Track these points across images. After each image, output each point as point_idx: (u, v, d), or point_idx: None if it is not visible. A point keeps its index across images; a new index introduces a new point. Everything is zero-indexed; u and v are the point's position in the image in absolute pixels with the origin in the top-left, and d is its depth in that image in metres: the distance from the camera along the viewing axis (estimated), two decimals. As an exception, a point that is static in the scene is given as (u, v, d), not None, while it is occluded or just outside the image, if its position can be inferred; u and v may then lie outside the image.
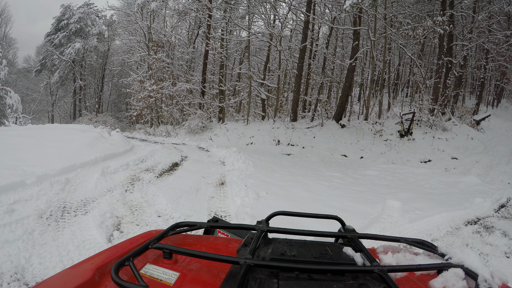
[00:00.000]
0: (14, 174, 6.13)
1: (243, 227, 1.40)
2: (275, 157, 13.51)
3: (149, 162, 9.77)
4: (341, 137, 15.82)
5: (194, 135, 21.43)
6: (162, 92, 24.98)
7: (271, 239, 1.30)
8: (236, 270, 1.00)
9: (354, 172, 10.72)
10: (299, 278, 0.97)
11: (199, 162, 10.64)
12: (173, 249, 1.08)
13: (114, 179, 7.23)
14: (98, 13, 39.99)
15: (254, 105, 24.94)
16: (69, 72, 38.58)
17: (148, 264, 1.12)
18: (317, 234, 1.28)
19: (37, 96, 45.34)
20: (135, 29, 31.05)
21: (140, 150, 12.41)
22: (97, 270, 1.04)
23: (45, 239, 4.00)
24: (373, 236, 1.29)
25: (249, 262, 0.96)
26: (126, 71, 34.43)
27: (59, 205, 5.22)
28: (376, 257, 1.15)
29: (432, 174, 10.77)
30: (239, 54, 27.47)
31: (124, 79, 31.86)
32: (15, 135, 9.88)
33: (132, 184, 6.96)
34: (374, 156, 13.82)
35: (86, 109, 39.19)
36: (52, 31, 38.79)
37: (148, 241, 1.14)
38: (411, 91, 24.91)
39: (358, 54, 17.81)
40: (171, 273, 1.06)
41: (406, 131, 14.99)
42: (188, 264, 1.13)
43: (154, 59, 25.09)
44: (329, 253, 1.13)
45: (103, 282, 1.01)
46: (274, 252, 1.12)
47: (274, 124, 18.74)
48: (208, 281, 1.03)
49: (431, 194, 7.90)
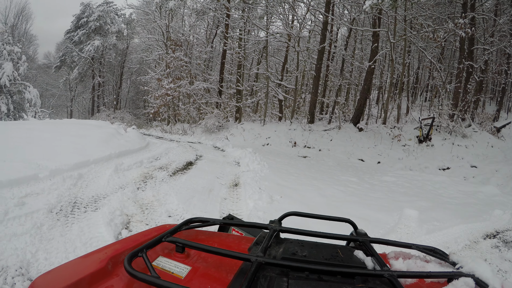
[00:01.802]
0: (28, 167, 6.17)
1: (256, 225, 1.41)
2: (291, 159, 13.34)
3: (163, 160, 9.74)
4: (359, 141, 15.55)
5: (210, 134, 21.41)
6: (179, 90, 25.03)
7: (283, 239, 1.33)
8: (247, 267, 1.02)
9: (371, 177, 10.48)
10: (309, 279, 0.98)
11: (213, 161, 10.56)
12: (186, 243, 1.09)
13: (127, 176, 7.20)
14: (117, 12, 40.52)
15: (271, 105, 24.74)
16: (88, 69, 39.25)
17: (161, 256, 1.14)
18: (329, 236, 1.29)
19: (56, 91, 46.48)
20: (154, 28, 31.19)
21: (155, 148, 12.41)
22: (111, 259, 1.07)
23: (53, 234, 3.97)
24: (384, 241, 1.30)
25: (260, 259, 0.97)
26: (144, 69, 34.62)
27: (69, 200, 5.21)
28: (386, 262, 1.14)
29: (450, 182, 10.44)
30: (257, 54, 27.34)
31: (142, 77, 32.19)
32: (32, 129, 10.01)
33: (144, 182, 6.91)
34: (392, 162, 13.52)
35: (104, 105, 39.73)
36: (71, 29, 39.56)
37: (162, 234, 1.17)
38: (430, 96, 24.42)
39: (378, 56, 17.49)
40: (183, 267, 1.08)
41: (425, 136, 14.60)
42: (200, 259, 1.15)
43: (172, 57, 25.15)
44: (340, 255, 1.15)
45: (115, 271, 1.03)
46: (285, 251, 1.15)
47: (291, 126, 18.56)
48: (219, 277, 1.05)
49: (449, 203, 7.62)
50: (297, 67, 21.83)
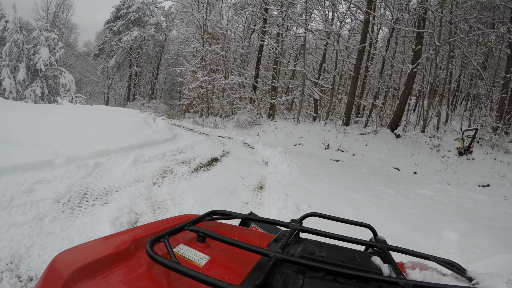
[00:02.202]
0: (45, 152, 6.12)
1: (277, 223, 1.40)
2: (323, 162, 12.93)
3: (187, 154, 9.53)
4: (395, 148, 14.91)
5: (242, 129, 21.29)
6: (213, 83, 25.03)
7: (302, 238, 1.33)
8: (264, 262, 1.04)
9: (407, 189, 9.93)
10: (324, 279, 0.97)
11: (240, 159, 10.25)
12: (207, 233, 1.11)
13: (146, 169, 6.98)
14: (156, 4, 41.40)
15: (306, 104, 24.22)
16: (126, 58, 40.20)
17: (182, 244, 1.17)
18: (348, 240, 1.29)
19: (94, 78, 48.38)
20: (191, 21, 31.21)
21: (182, 140, 12.29)
22: (133, 242, 1.09)
23: (53, 228, 3.80)
24: (403, 250, 1.29)
25: (278, 256, 0.98)
26: (181, 61, 35.02)
27: (80, 191, 5.04)
28: (403, 271, 1.13)
29: (491, 202, 9.73)
30: (294, 52, 26.83)
31: (178, 68, 32.49)
32: (61, 113, 10.04)
33: (162, 177, 6.65)
34: (429, 173, 12.82)
35: (140, 94, 40.40)
36: (111, 19, 40.57)
37: (185, 222, 1.19)
38: (471, 105, 23.19)
39: (421, 59, 16.75)
40: (202, 256, 1.10)
41: (465, 149, 13.79)
42: (219, 250, 1.17)
43: (208, 50, 25.19)
44: (357, 259, 1.14)
45: (137, 253, 1.06)
46: (303, 250, 1.15)
47: (325, 127, 18.08)
48: (236, 269, 1.06)
49: (491, 227, 7.04)
50: (335, 67, 21.15)
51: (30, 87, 23.41)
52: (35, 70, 23.53)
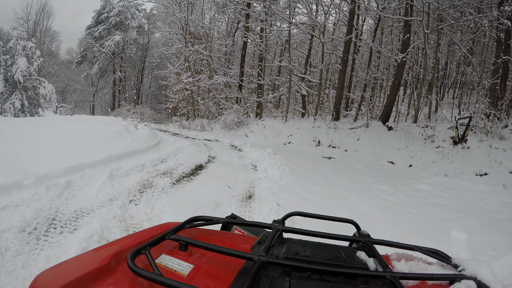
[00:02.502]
0: (14, 172, 5.54)
1: (259, 225, 1.36)
2: (315, 161, 12.39)
3: (169, 163, 8.89)
4: (388, 141, 14.41)
5: (229, 130, 20.83)
6: (198, 85, 24.51)
7: (285, 238, 1.30)
8: (249, 266, 1.00)
9: (404, 185, 9.43)
10: (311, 279, 0.95)
11: (227, 165, 9.61)
12: (189, 242, 1.07)
13: (122, 184, 6.30)
14: (138, 7, 40.91)
15: (293, 101, 23.75)
16: (109, 64, 39.96)
17: (164, 254, 1.11)
18: (332, 236, 1.25)
19: (79, 86, 47.71)
20: (173, 21, 30.80)
21: (165, 147, 11.73)
22: (114, 256, 1.03)
23: (15, 265, 3.25)
24: (387, 242, 1.24)
25: (262, 259, 0.95)
26: (165, 64, 34.66)
27: (48, 216, 4.44)
28: (389, 264, 1.09)
29: (491, 191, 9.27)
30: (279, 47, 26.33)
31: (161, 71, 32.11)
32: (34, 126, 9.42)
33: (140, 192, 5.97)
34: (425, 165, 12.36)
35: (125, 100, 39.93)
36: (92, 24, 40.25)
37: (166, 232, 1.15)
38: (458, 92, 22.76)
39: (410, 48, 16.30)
40: (186, 265, 1.06)
41: (460, 137, 13.42)
42: (203, 257, 1.13)
43: (191, 51, 24.67)
44: (342, 256, 1.13)
45: (118, 268, 1.01)
46: (288, 251, 1.13)
47: (314, 123, 17.58)
48: (221, 275, 1.03)
49: (496, 220, 6.53)
50: (322, 60, 20.58)
51: (9, 100, 22.69)
52: (13, 82, 22.78)
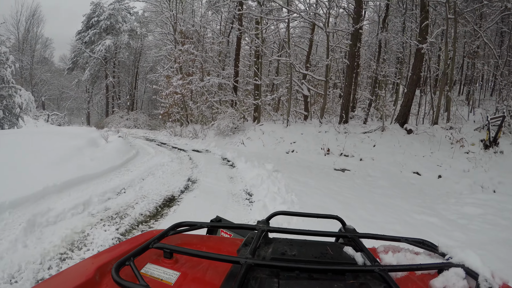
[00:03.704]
0: None
1: (244, 227, 1.39)
2: (328, 176, 9.90)
3: (129, 195, 6.35)
4: (409, 147, 12.09)
5: (224, 137, 18.64)
6: (189, 88, 22.27)
7: (271, 238, 1.28)
8: (236, 270, 0.99)
9: (446, 208, 6.97)
10: (300, 278, 0.95)
11: (210, 194, 6.94)
12: (174, 249, 1.06)
13: (42, 242, 3.98)
14: (129, 10, 40.12)
15: (294, 102, 21.40)
16: (100, 69, 39.09)
17: (149, 263, 1.10)
18: (318, 233, 1.25)
19: (73, 93, 46.68)
20: (162, 21, 28.81)
21: (137, 166, 9.56)
22: (98, 269, 1.02)
23: None
24: (373, 235, 1.24)
25: (249, 261, 0.94)
26: (158, 67, 32.72)
27: None
28: (376, 257, 1.11)
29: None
30: (277, 42, 23.79)
31: (152, 75, 30.47)
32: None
33: (62, 260, 3.66)
34: (456, 176, 10.08)
35: (119, 107, 38.70)
36: (82, 29, 39.83)
37: (149, 240, 1.12)
38: (471, 88, 20.29)
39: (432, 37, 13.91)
40: (172, 273, 1.04)
41: (491, 140, 11.29)
42: (189, 263, 1.11)
43: (180, 50, 22.48)
44: (329, 252, 1.12)
45: (103, 281, 0.99)
46: (274, 251, 1.11)
47: (321, 127, 15.28)
48: (209, 281, 1.03)
49: None
50: (327, 55, 17.92)
51: (-18, 112, 20.47)
52: (-14, 92, 20.56)
